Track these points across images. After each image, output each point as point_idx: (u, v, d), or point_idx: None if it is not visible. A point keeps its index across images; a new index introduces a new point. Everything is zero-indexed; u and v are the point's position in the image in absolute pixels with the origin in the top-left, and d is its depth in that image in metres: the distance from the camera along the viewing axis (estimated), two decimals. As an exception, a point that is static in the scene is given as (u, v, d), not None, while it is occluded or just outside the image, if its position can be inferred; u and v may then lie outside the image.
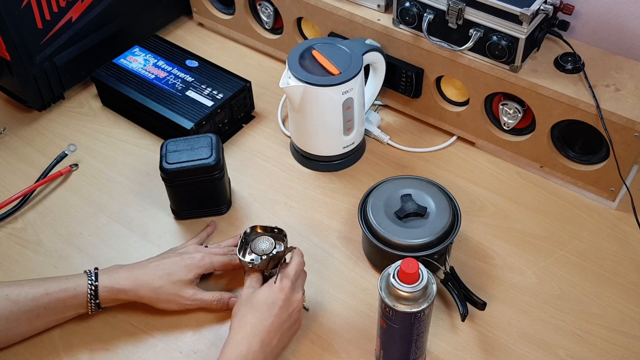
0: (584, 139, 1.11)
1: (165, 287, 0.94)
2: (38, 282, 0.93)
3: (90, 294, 0.93)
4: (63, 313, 0.94)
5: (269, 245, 0.94)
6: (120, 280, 0.94)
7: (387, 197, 1.02)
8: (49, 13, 1.22)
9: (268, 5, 1.33)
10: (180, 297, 0.95)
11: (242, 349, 0.84)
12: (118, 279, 0.94)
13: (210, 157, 1.05)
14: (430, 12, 1.09)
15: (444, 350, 0.95)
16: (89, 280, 0.93)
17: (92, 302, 0.93)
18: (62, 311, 0.93)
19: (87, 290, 0.93)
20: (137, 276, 0.95)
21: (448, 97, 1.21)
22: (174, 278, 0.94)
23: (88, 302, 0.93)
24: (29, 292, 0.91)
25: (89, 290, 0.93)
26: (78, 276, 0.94)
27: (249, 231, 0.96)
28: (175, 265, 0.96)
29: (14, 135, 1.27)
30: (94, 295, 0.93)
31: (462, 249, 1.07)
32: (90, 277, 0.94)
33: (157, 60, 1.30)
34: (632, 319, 0.98)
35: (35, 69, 1.24)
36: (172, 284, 0.94)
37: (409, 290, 0.80)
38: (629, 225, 1.09)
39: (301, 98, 1.09)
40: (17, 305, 0.90)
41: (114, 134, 1.27)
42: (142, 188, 1.17)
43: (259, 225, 0.97)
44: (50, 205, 1.15)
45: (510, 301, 1.00)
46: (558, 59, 1.09)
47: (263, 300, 0.88)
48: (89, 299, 0.93)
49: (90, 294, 0.93)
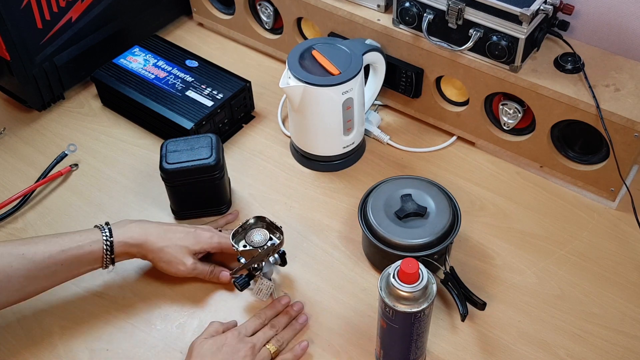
0: (584, 139, 1.11)
1: (171, 248, 0.97)
2: (52, 239, 0.95)
3: (105, 249, 0.95)
4: (78, 269, 0.96)
5: (262, 239, 0.96)
6: (132, 233, 0.97)
7: (387, 197, 1.02)
8: (49, 13, 1.22)
9: (268, 5, 1.33)
10: (181, 262, 0.98)
11: None
12: (131, 232, 0.97)
13: (210, 157, 1.05)
14: (430, 12, 1.09)
15: (444, 350, 0.95)
16: (103, 236, 0.96)
17: (107, 257, 0.96)
18: (77, 267, 0.95)
19: (103, 246, 0.95)
20: (148, 229, 0.98)
21: (448, 97, 1.21)
22: (181, 243, 0.98)
23: (104, 257, 0.96)
24: (45, 250, 0.93)
25: (105, 246, 0.95)
26: (91, 231, 0.96)
27: (252, 221, 0.98)
28: (186, 234, 0.99)
29: (14, 135, 1.27)
30: (109, 251, 0.95)
31: (462, 249, 1.07)
32: (104, 232, 0.96)
33: (157, 60, 1.30)
34: (632, 319, 0.98)
35: (35, 69, 1.24)
36: (178, 247, 0.98)
37: (409, 290, 0.80)
38: (629, 225, 1.09)
39: (301, 98, 1.09)
40: (34, 264, 0.92)
41: (114, 134, 1.27)
42: (142, 188, 1.17)
43: (266, 218, 0.98)
44: (50, 205, 1.15)
45: (510, 301, 1.00)
46: (558, 59, 1.09)
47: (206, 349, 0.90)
48: (105, 254, 0.95)
49: (105, 249, 0.95)
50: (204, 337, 0.91)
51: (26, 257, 0.92)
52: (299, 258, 1.06)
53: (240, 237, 0.98)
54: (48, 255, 0.93)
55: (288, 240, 1.08)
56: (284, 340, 0.94)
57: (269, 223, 0.98)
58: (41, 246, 0.93)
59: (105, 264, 0.97)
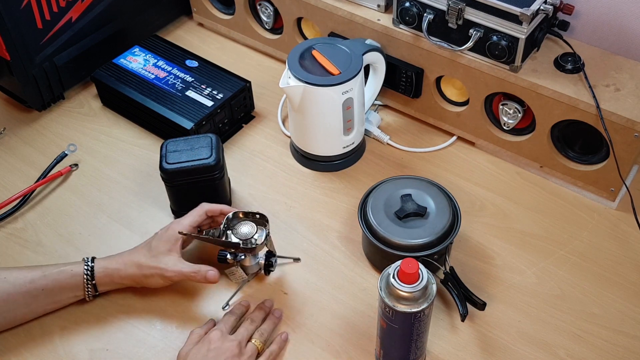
0: (584, 139, 1.11)
1: (147, 262, 0.97)
2: (36, 266, 0.97)
3: (86, 273, 0.96)
4: (60, 295, 0.96)
5: (250, 230, 0.97)
6: (112, 262, 0.98)
7: (387, 197, 1.02)
8: (49, 13, 1.22)
9: (268, 5, 1.33)
10: (161, 269, 0.96)
11: None
12: (111, 261, 0.98)
13: (210, 157, 1.05)
14: (430, 12, 1.09)
15: (444, 350, 0.95)
16: (85, 263, 0.97)
17: (88, 283, 0.96)
18: (59, 293, 0.96)
19: (84, 270, 0.96)
20: (125, 256, 0.98)
21: (448, 97, 1.21)
22: (153, 252, 0.97)
23: (85, 282, 0.96)
24: (27, 275, 0.94)
25: (85, 271, 0.96)
26: (76, 262, 0.98)
27: (231, 216, 0.99)
28: (154, 240, 0.99)
29: (14, 135, 1.27)
30: (90, 276, 0.96)
31: (462, 249, 1.07)
32: (86, 261, 0.97)
33: (157, 60, 1.30)
34: (632, 319, 0.98)
35: (35, 69, 1.24)
36: (153, 257, 0.97)
37: (409, 290, 0.80)
38: (629, 225, 1.09)
39: (301, 98, 1.09)
40: (14, 287, 0.93)
41: (114, 134, 1.27)
42: (142, 188, 1.17)
43: (241, 211, 0.99)
44: (50, 205, 1.15)
45: (510, 301, 1.00)
46: (558, 59, 1.09)
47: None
48: (86, 279, 0.96)
49: (86, 274, 0.96)
50: (188, 347, 0.91)
51: (7, 280, 0.93)
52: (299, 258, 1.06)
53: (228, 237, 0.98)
54: (29, 279, 0.94)
55: (288, 240, 1.08)
56: (267, 332, 0.94)
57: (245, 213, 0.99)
58: (24, 271, 0.95)
59: (87, 290, 0.96)
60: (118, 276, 0.97)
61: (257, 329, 0.94)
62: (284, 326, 0.98)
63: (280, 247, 1.06)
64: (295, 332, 0.97)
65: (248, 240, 0.97)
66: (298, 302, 1.01)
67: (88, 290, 0.97)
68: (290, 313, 1.00)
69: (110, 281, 0.97)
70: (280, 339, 0.95)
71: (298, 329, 0.98)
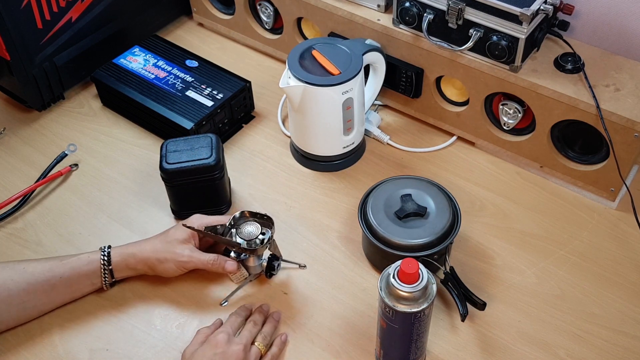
0: (584, 139, 1.11)
1: (162, 247, 0.99)
2: (55, 257, 0.99)
3: (103, 258, 0.98)
4: (77, 284, 0.98)
5: (255, 230, 0.98)
6: (129, 247, 1.00)
7: (387, 197, 1.02)
8: (49, 13, 1.22)
9: (268, 5, 1.33)
10: (176, 254, 0.98)
11: None
12: (127, 246, 1.00)
13: (210, 157, 1.05)
14: (430, 12, 1.09)
15: (444, 350, 0.95)
16: (102, 250, 0.99)
17: (105, 269, 0.98)
18: (76, 281, 0.97)
19: (100, 256, 0.98)
20: (142, 242, 1.01)
21: (448, 97, 1.21)
22: (169, 238, 0.99)
23: (102, 268, 0.98)
24: (45, 264, 0.96)
25: (102, 256, 0.98)
26: (93, 251, 0.99)
27: (238, 216, 1.00)
28: (172, 228, 1.01)
29: (14, 135, 1.27)
30: (106, 261, 0.98)
31: (462, 249, 1.07)
32: (103, 248, 0.99)
33: (157, 60, 1.30)
34: (632, 319, 0.98)
35: (35, 69, 1.24)
36: (168, 243, 0.99)
37: (409, 290, 0.80)
38: (629, 225, 1.09)
39: (301, 98, 1.09)
40: (33, 276, 0.95)
41: (114, 134, 1.27)
42: (142, 188, 1.17)
43: (247, 211, 1.00)
44: (50, 205, 1.15)
45: (510, 301, 1.00)
46: (558, 59, 1.09)
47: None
48: (102, 265, 0.97)
49: (103, 259, 0.98)
50: (193, 347, 0.91)
51: (27, 270, 0.95)
52: (299, 258, 1.06)
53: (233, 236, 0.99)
54: (48, 268, 0.96)
55: (288, 240, 1.08)
56: (269, 335, 0.95)
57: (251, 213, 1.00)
58: (42, 262, 0.97)
59: (103, 277, 0.98)
60: (134, 260, 0.99)
61: (259, 332, 0.94)
62: (284, 326, 0.98)
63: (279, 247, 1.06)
64: (295, 332, 0.97)
65: (252, 241, 0.97)
66: (298, 302, 1.01)
67: (105, 277, 0.98)
68: (290, 313, 1.00)
69: (126, 266, 0.99)
70: (280, 340, 0.95)
71: (298, 329, 0.98)
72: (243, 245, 0.97)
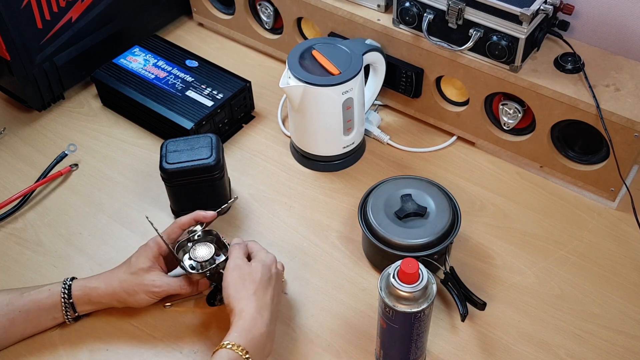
0: (584, 139, 1.11)
1: (128, 279, 0.94)
2: (16, 289, 0.95)
3: (63, 291, 0.93)
4: (37, 318, 0.94)
5: (208, 253, 0.94)
6: (92, 281, 0.95)
7: (387, 197, 1.02)
8: (49, 13, 1.22)
9: (268, 5, 1.33)
10: (144, 285, 0.93)
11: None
12: (90, 279, 0.96)
13: (210, 157, 1.05)
14: (430, 12, 1.09)
15: (444, 350, 0.95)
16: (63, 282, 0.95)
17: (65, 302, 0.93)
18: (36, 315, 0.93)
19: (61, 288, 0.93)
20: (106, 274, 0.96)
21: (448, 97, 1.21)
22: (133, 269, 0.94)
23: (62, 302, 0.93)
24: (5, 297, 0.92)
25: (63, 289, 0.93)
26: (55, 282, 0.95)
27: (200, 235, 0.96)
28: (133, 258, 0.96)
29: (14, 135, 1.27)
30: (67, 294, 0.93)
31: (462, 249, 1.07)
32: (66, 280, 0.95)
33: (157, 60, 1.30)
34: (632, 319, 0.98)
35: (35, 69, 1.24)
36: (133, 274, 0.94)
37: (409, 290, 0.80)
38: (629, 225, 1.09)
39: (301, 98, 1.09)
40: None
41: (114, 134, 1.27)
42: (142, 188, 1.17)
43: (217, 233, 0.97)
44: (50, 205, 1.15)
45: (510, 301, 1.00)
46: (558, 59, 1.09)
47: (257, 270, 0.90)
48: (63, 298, 0.93)
49: (63, 292, 0.93)
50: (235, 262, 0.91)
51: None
52: (299, 258, 1.06)
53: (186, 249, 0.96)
54: (7, 301, 0.92)
55: (288, 240, 1.08)
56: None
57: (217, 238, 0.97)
58: (3, 293, 0.93)
59: (65, 310, 0.94)
60: (96, 294, 0.94)
61: None
62: (284, 326, 0.98)
63: (279, 246, 1.07)
64: (295, 332, 0.97)
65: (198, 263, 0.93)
66: (298, 302, 1.01)
67: (67, 311, 0.94)
68: (290, 313, 1.00)
69: (89, 300, 0.94)
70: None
71: (298, 329, 0.98)
72: (183, 264, 0.94)
